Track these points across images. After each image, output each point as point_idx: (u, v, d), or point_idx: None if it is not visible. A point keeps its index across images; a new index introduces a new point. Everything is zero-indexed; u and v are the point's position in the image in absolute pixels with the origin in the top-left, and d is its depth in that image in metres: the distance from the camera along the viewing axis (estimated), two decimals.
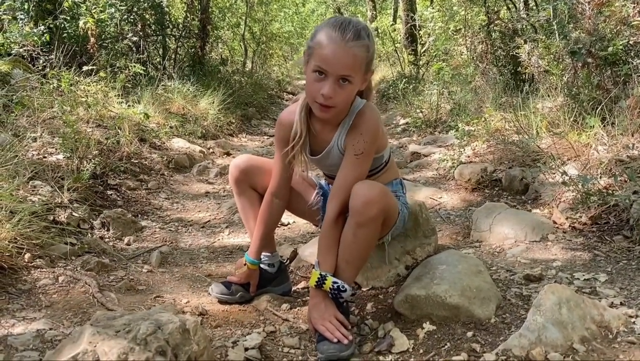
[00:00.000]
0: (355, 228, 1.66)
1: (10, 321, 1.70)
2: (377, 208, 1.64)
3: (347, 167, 1.73)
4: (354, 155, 1.72)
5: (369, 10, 15.66)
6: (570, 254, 2.23)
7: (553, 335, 1.43)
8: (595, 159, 2.87)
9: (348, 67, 1.59)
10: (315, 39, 1.61)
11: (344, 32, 1.57)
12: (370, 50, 1.62)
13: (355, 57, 1.59)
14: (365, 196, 1.63)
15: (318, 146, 1.84)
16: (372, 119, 1.73)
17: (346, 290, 1.69)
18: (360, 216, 1.64)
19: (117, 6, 6.37)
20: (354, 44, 1.57)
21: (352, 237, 1.67)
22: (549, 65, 4.26)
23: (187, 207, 3.52)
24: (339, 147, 1.78)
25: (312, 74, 1.63)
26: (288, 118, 1.82)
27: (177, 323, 1.34)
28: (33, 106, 3.74)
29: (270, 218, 1.96)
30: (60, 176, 2.93)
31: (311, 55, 1.62)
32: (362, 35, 1.59)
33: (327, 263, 1.71)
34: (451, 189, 3.62)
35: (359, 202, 1.63)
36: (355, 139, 1.72)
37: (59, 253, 2.25)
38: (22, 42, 4.86)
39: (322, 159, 1.85)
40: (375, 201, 1.64)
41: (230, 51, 11.08)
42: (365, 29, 1.61)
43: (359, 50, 1.59)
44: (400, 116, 7.32)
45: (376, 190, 1.65)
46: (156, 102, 5.58)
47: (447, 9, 8.28)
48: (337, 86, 1.60)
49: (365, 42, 1.60)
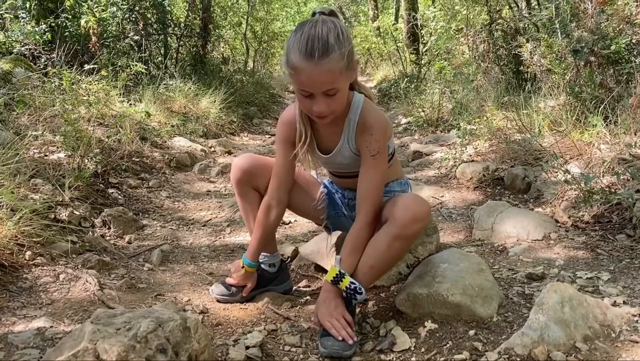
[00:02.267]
0: (393, 240, 1.65)
1: (11, 319, 1.70)
2: (421, 225, 1.65)
3: (368, 170, 1.72)
4: (370, 157, 1.71)
5: (371, 9, 15.64)
6: (572, 252, 2.22)
7: (555, 334, 1.42)
8: (598, 157, 2.86)
9: (328, 83, 1.55)
10: (289, 63, 1.55)
11: (312, 54, 1.50)
12: (344, 55, 1.54)
13: (331, 71, 1.53)
14: (414, 211, 1.62)
15: (326, 144, 1.82)
16: (378, 116, 1.73)
17: (362, 293, 1.68)
18: (403, 230, 1.63)
19: (119, 5, 6.38)
20: (325, 61, 1.50)
21: (386, 246, 1.66)
22: (551, 64, 4.25)
23: (189, 205, 3.52)
24: (350, 146, 1.76)
25: (298, 93, 1.61)
26: (290, 117, 1.80)
27: (178, 321, 1.34)
28: (34, 105, 3.74)
29: (268, 223, 1.92)
30: (62, 175, 2.93)
31: (292, 77, 1.59)
32: (331, 47, 1.51)
33: (349, 262, 1.69)
34: (453, 188, 3.61)
35: (408, 216, 1.62)
36: (367, 141, 1.70)
37: (60, 251, 2.25)
38: (24, 41, 4.87)
39: (333, 158, 1.83)
40: (422, 219, 1.63)
41: (231, 50, 11.10)
42: (333, 33, 1.52)
43: (333, 64, 1.52)
44: (402, 115, 7.31)
45: (425, 208, 1.65)
46: (158, 101, 5.58)
47: (449, 8, 8.28)
48: (326, 99, 1.58)
49: (336, 53, 1.51)
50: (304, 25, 1.56)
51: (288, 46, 1.57)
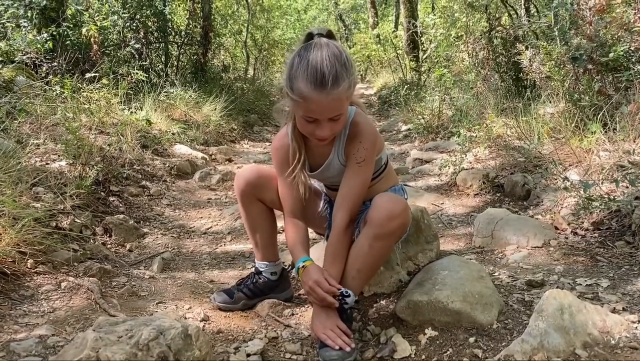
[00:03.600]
0: (373, 240, 1.65)
1: (13, 326, 1.70)
2: (398, 222, 1.65)
3: (351, 176, 1.73)
4: (356, 164, 1.71)
5: (371, 17, 15.71)
6: (572, 259, 2.23)
7: (555, 341, 1.43)
8: (597, 164, 2.87)
9: (336, 110, 1.56)
10: (296, 91, 1.54)
11: (323, 84, 1.49)
12: (351, 81, 1.55)
13: (340, 99, 1.54)
14: (388, 210, 1.63)
15: (315, 160, 1.83)
16: (368, 126, 1.73)
17: (350, 295, 1.69)
18: (380, 228, 1.64)
19: (120, 14, 6.42)
20: (336, 91, 1.51)
21: (367, 248, 1.67)
22: (551, 71, 4.27)
23: (189, 213, 3.53)
24: (340, 158, 1.78)
25: (301, 119, 1.61)
26: (282, 141, 1.81)
27: (179, 328, 1.35)
28: (36, 113, 3.76)
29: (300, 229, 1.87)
30: (63, 183, 2.94)
31: (297, 105, 1.57)
32: (340, 75, 1.51)
33: (332, 271, 1.70)
34: (453, 195, 3.62)
35: (382, 215, 1.63)
36: (355, 148, 1.71)
37: (62, 259, 2.26)
38: (26, 50, 4.90)
39: (322, 172, 1.84)
40: (397, 215, 1.64)
41: (232, 58, 11.13)
42: (340, 60, 1.52)
43: (342, 92, 1.53)
44: (402, 123, 7.33)
45: (399, 205, 1.65)
46: (158, 109, 5.60)
47: (448, 15, 8.32)
48: (331, 123, 1.59)
49: (345, 81, 1.52)
50: (307, 51, 1.54)
51: (293, 73, 1.55)
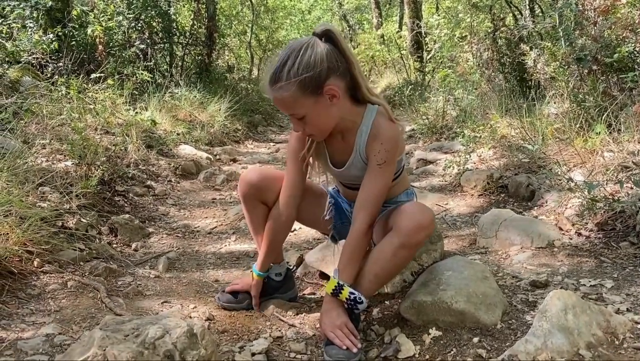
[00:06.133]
0: (398, 248, 1.65)
1: (20, 325, 1.72)
2: (426, 233, 1.66)
3: (371, 178, 1.72)
4: (377, 165, 1.71)
5: (375, 17, 15.68)
6: (576, 260, 2.23)
7: (559, 341, 1.43)
8: (602, 165, 2.87)
9: (285, 108, 1.63)
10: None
11: (270, 81, 1.59)
12: (294, 85, 1.55)
13: (283, 99, 1.59)
14: (418, 221, 1.63)
15: (339, 157, 1.83)
16: (390, 128, 1.71)
17: (362, 302, 1.69)
18: (408, 238, 1.64)
19: (125, 14, 6.45)
20: (275, 88, 1.58)
21: (391, 255, 1.67)
22: (555, 72, 4.26)
23: (194, 213, 3.54)
24: (362, 157, 1.76)
25: None
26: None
27: (184, 327, 1.36)
28: (42, 113, 3.78)
29: (277, 235, 1.94)
30: (69, 183, 2.96)
31: None
32: (281, 77, 1.55)
33: (347, 273, 1.70)
34: (457, 196, 3.62)
35: (412, 225, 1.63)
36: (376, 149, 1.70)
37: (68, 258, 2.27)
38: (32, 50, 4.92)
39: (346, 171, 1.83)
40: (426, 227, 1.64)
41: (236, 58, 11.16)
42: (292, 61, 1.54)
43: (282, 93, 1.57)
44: (407, 123, 7.33)
45: (428, 216, 1.65)
46: (163, 109, 5.63)
47: (452, 16, 8.30)
48: (299, 121, 1.65)
49: (283, 82, 1.55)
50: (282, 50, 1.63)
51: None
